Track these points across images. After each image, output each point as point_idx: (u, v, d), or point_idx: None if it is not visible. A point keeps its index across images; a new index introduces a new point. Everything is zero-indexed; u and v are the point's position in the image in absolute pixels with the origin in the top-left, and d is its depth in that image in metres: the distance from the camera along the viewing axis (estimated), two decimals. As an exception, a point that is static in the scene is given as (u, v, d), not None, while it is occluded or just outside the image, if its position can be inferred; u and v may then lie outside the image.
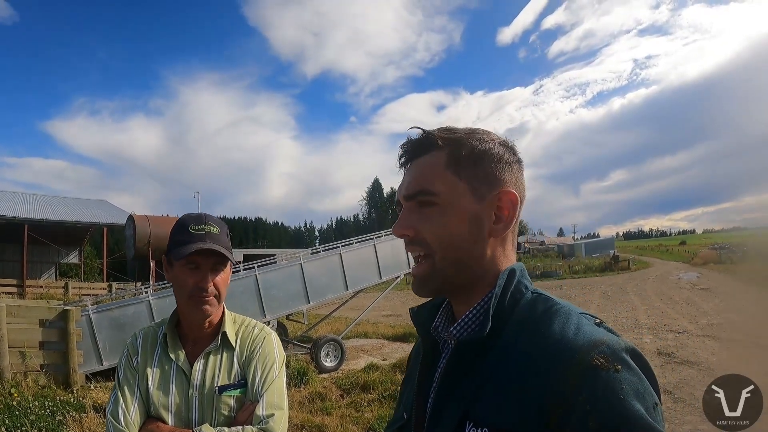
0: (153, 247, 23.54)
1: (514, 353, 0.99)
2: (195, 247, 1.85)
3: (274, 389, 1.95)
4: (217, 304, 1.94)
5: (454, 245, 1.09)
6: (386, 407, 7.96)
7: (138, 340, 2.01)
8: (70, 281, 27.30)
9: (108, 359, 9.10)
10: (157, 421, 1.87)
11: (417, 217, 1.12)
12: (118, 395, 1.87)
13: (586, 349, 0.90)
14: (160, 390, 1.90)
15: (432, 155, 1.12)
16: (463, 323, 1.10)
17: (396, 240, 13.27)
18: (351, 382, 9.33)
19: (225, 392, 1.91)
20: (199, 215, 1.98)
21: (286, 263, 12.04)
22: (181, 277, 1.90)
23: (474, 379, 1.02)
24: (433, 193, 1.09)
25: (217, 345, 1.98)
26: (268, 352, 2.03)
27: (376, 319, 20.61)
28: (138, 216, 24.87)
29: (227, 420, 1.89)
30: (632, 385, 0.86)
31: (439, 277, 1.11)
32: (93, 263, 41.68)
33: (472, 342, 1.05)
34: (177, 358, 1.94)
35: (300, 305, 11.48)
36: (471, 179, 1.09)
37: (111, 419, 1.83)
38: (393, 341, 14.75)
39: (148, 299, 9.75)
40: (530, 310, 1.04)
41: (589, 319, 1.01)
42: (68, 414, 6.77)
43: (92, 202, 38.15)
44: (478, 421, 0.97)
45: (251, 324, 2.12)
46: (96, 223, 31.24)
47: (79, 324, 8.66)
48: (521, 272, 1.11)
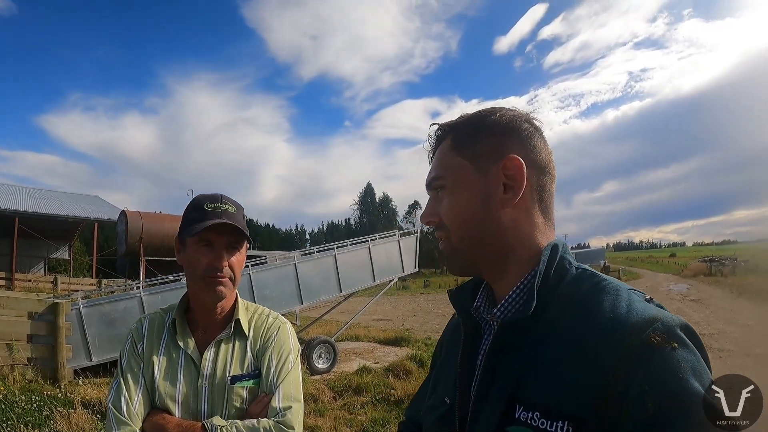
0: (145, 243, 23.51)
1: (562, 332, 0.96)
2: (210, 222, 1.74)
3: (290, 380, 1.84)
4: (232, 287, 1.83)
5: (466, 222, 1.11)
6: (380, 410, 7.92)
7: (144, 326, 1.89)
8: (59, 276, 27.13)
9: (97, 355, 8.97)
10: (163, 413, 1.75)
11: (435, 203, 1.16)
12: (121, 384, 1.75)
13: (640, 327, 0.87)
14: (166, 379, 1.78)
15: (444, 143, 1.17)
16: (507, 303, 1.08)
17: (390, 243, 13.53)
18: (344, 384, 9.29)
19: (238, 383, 1.80)
20: (215, 194, 1.86)
21: (281, 263, 11.98)
22: (194, 257, 1.79)
23: (520, 361, 0.99)
24: (440, 176, 1.15)
25: (229, 333, 1.86)
26: (283, 341, 1.91)
27: (368, 323, 20.60)
28: (130, 212, 24.83)
29: (239, 412, 1.78)
30: (690, 363, 0.84)
31: (460, 255, 1.14)
32: (82, 259, 41.42)
33: (516, 322, 1.02)
34: (186, 346, 1.82)
35: (293, 306, 11.41)
36: (472, 156, 1.11)
37: (112, 409, 1.71)
38: (385, 345, 14.68)
39: (139, 295, 9.61)
40: (576, 287, 1.02)
41: (639, 295, 0.97)
42: (56, 409, 6.65)
43: (84, 197, 37.99)
44: (529, 404, 0.93)
45: (265, 312, 2.01)
46: (87, 218, 31.04)
47: (68, 318, 8.53)
48: (563, 247, 1.10)
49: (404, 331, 17.61)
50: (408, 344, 14.35)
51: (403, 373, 9.82)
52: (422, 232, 14.68)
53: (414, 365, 10.36)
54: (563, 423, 0.87)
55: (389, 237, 13.98)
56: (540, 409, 0.90)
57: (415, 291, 50.19)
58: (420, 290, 51.73)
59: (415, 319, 23.72)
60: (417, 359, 10.93)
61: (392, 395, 8.49)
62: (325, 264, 12.26)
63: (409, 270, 14.03)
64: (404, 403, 8.06)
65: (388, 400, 8.37)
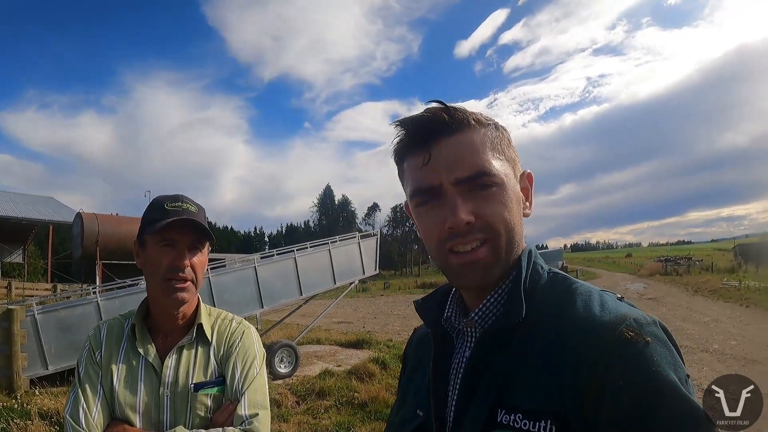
0: (101, 246, 23.00)
1: (539, 335, 0.97)
2: (172, 219, 1.70)
3: (256, 387, 1.80)
4: (194, 291, 1.78)
5: (514, 228, 1.05)
6: (344, 414, 7.92)
7: (102, 333, 1.83)
8: (13, 281, 26.47)
9: (54, 363, 8.75)
10: (123, 423, 1.69)
11: (478, 202, 1.02)
12: (79, 394, 1.69)
13: (613, 324, 0.89)
14: (126, 388, 1.73)
15: (468, 135, 1.04)
16: (486, 309, 1.08)
17: (350, 245, 13.53)
18: (306, 388, 9.26)
19: (202, 390, 1.75)
20: (176, 195, 1.82)
21: (240, 266, 11.87)
22: (154, 257, 1.74)
23: (501, 366, 0.99)
24: (494, 174, 1.03)
25: (191, 338, 1.82)
26: (248, 347, 1.88)
27: (328, 326, 20.49)
28: (86, 214, 24.24)
29: (203, 422, 1.73)
30: (664, 357, 0.85)
31: (502, 262, 1.05)
32: (37, 263, 40.51)
33: (501, 329, 1.02)
34: (146, 353, 1.77)
35: (253, 309, 11.31)
36: (509, 161, 1.08)
37: (70, 420, 1.65)
38: (346, 348, 14.60)
39: (96, 300, 9.40)
40: (550, 291, 1.04)
41: (610, 296, 1.00)
42: (12, 421, 6.48)
43: (39, 198, 37.02)
44: (511, 407, 0.94)
45: (228, 317, 1.97)
46: (42, 220, 30.33)
47: (23, 325, 8.31)
48: (535, 253, 1.11)
49: (365, 333, 17.60)
50: (369, 347, 14.31)
51: (366, 376, 9.82)
52: (382, 234, 14.68)
53: (376, 367, 10.39)
54: (545, 422, 0.88)
55: (349, 239, 13.96)
56: (522, 411, 0.91)
57: (375, 293, 50.05)
58: (380, 292, 51.63)
59: (375, 321, 23.68)
60: (379, 362, 10.96)
61: (356, 398, 8.48)
62: (286, 267, 12.20)
63: (369, 272, 14.03)
64: (368, 406, 8.09)
65: (351, 403, 8.36)
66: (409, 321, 22.70)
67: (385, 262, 29.69)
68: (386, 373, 10.23)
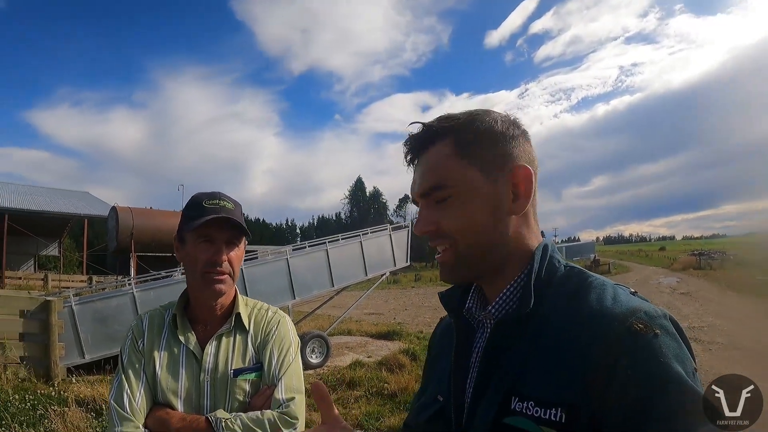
0: (136, 239, 23.33)
1: (553, 326, 0.99)
2: (209, 217, 1.76)
3: (292, 372, 1.86)
4: (231, 283, 1.85)
5: (477, 231, 1.08)
6: (373, 404, 7.94)
7: (144, 323, 1.91)
8: (49, 273, 26.95)
9: (90, 352, 8.95)
10: (165, 408, 1.76)
11: (436, 212, 1.11)
12: (122, 380, 1.76)
13: (623, 316, 0.91)
14: (168, 374, 1.80)
15: (437, 147, 1.11)
16: (501, 302, 1.10)
17: (382, 237, 13.51)
18: (337, 378, 9.32)
19: (241, 375, 1.82)
20: (213, 192, 1.88)
21: (273, 258, 11.95)
22: (193, 253, 1.81)
23: (515, 356, 1.02)
24: (446, 186, 1.09)
25: (230, 327, 1.88)
26: (284, 335, 1.94)
27: (359, 318, 20.59)
28: (121, 207, 24.61)
29: (242, 405, 1.80)
30: (672, 350, 0.87)
31: (466, 263, 1.11)
32: (72, 256, 41.20)
33: (512, 319, 1.05)
34: (187, 341, 1.84)
35: (285, 300, 11.40)
36: (480, 163, 1.08)
37: (115, 406, 1.71)
38: (377, 339, 14.66)
39: (131, 292, 9.53)
40: (565, 284, 1.05)
41: (624, 290, 1.02)
42: (50, 408, 6.61)
43: (74, 193, 37.72)
44: (524, 395, 0.96)
45: (264, 307, 2.04)
46: (77, 214, 30.84)
47: (61, 315, 8.46)
48: (552, 247, 1.13)
49: (396, 325, 17.65)
50: (400, 338, 14.35)
51: (396, 367, 9.83)
52: (413, 226, 14.68)
53: (407, 359, 10.39)
54: (556, 410, 0.90)
55: (381, 231, 14.00)
56: (534, 399, 0.93)
57: (406, 285, 50.15)
58: (411, 284, 51.70)
59: (406, 313, 23.75)
60: (410, 353, 10.97)
61: (385, 389, 8.50)
62: (317, 258, 12.27)
63: (400, 264, 14.09)
64: (398, 397, 8.10)
65: (381, 393, 8.38)
66: (439, 313, 22.39)
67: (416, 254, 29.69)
68: (416, 364, 10.21)
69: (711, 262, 47.35)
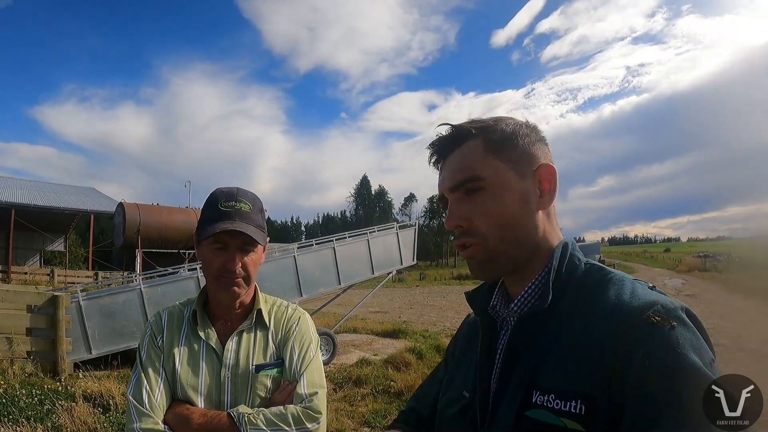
0: (142, 235, 23.43)
1: (573, 321, 1.02)
2: (220, 228, 1.73)
3: (313, 368, 1.85)
4: (246, 286, 1.83)
5: (510, 225, 1.11)
6: (380, 402, 7.94)
7: (163, 319, 1.89)
8: (55, 269, 27.06)
9: (97, 348, 8.97)
10: (185, 404, 1.74)
11: (468, 206, 1.14)
12: (141, 376, 1.73)
13: (641, 309, 0.94)
14: (189, 370, 1.78)
15: (467, 145, 1.16)
16: (523, 299, 1.14)
17: (389, 235, 13.51)
18: (344, 376, 9.30)
19: (262, 371, 1.80)
20: (231, 190, 1.85)
21: (279, 255, 11.95)
22: (208, 257, 1.79)
23: (536, 351, 1.05)
24: (480, 177, 1.12)
25: (251, 323, 1.87)
26: (304, 331, 1.93)
27: (365, 316, 20.65)
28: (128, 204, 24.76)
29: (263, 401, 1.78)
30: (689, 341, 0.89)
31: (496, 259, 1.14)
32: (78, 251, 41.35)
33: (532, 315, 1.09)
34: (207, 337, 1.82)
35: (292, 298, 11.31)
36: (510, 159, 1.13)
37: (133, 401, 1.68)
38: (383, 337, 14.70)
39: (139, 287, 9.54)
40: (585, 280, 1.09)
41: (642, 284, 1.05)
42: (58, 403, 6.62)
43: (80, 189, 37.94)
44: (544, 389, 0.99)
45: (284, 304, 2.02)
46: (83, 210, 31.02)
47: (68, 311, 8.47)
48: (573, 245, 1.16)
49: (401, 323, 17.64)
50: (406, 336, 14.33)
51: (402, 365, 9.82)
52: (418, 224, 14.68)
53: (413, 357, 10.39)
54: (576, 401, 0.93)
55: (388, 229, 13.99)
56: (554, 392, 0.97)
57: (411, 284, 50.26)
58: (416, 283, 51.84)
59: (411, 311, 23.74)
60: (415, 351, 10.97)
61: (392, 387, 8.50)
62: (325, 256, 12.26)
63: (407, 263, 14.08)
64: (404, 395, 8.08)
65: (388, 392, 8.38)
66: (444, 312, 22.69)
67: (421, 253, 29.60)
68: (422, 362, 10.23)
69: (716, 265, 47.42)
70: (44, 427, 5.99)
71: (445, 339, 13.92)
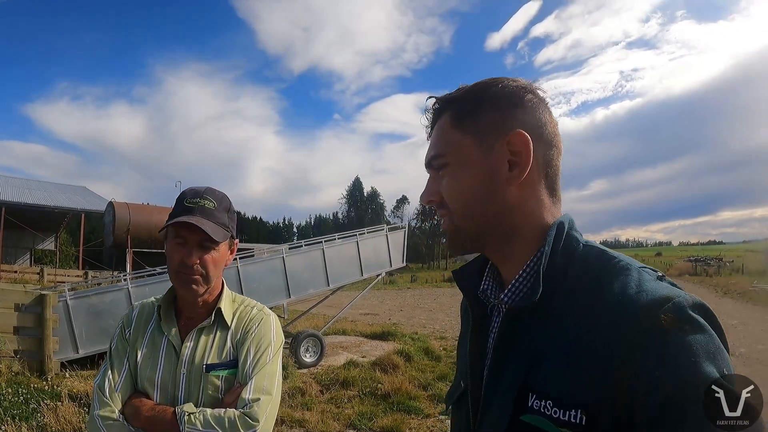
0: (132, 235, 23.35)
1: (571, 317, 0.93)
2: (176, 220, 1.77)
3: (264, 373, 1.84)
4: (204, 284, 1.84)
5: (469, 201, 1.07)
6: (367, 404, 7.95)
7: (134, 312, 1.96)
8: (45, 267, 26.95)
9: (84, 347, 8.94)
10: (142, 396, 1.80)
11: (438, 182, 1.12)
12: (108, 367, 1.83)
13: (650, 309, 0.84)
14: (148, 364, 1.83)
15: (441, 120, 1.13)
16: (514, 288, 1.05)
17: (378, 238, 13.52)
18: (331, 378, 9.31)
19: (213, 371, 1.83)
20: (200, 189, 1.89)
21: (268, 256, 11.95)
22: (169, 251, 1.83)
23: (529, 348, 0.98)
24: (441, 154, 1.10)
25: (210, 321, 1.89)
26: (263, 333, 1.93)
27: (354, 317, 20.61)
28: (118, 203, 24.63)
29: (213, 400, 1.80)
30: (703, 346, 0.81)
31: (462, 234, 1.10)
32: (68, 250, 41.14)
33: (523, 308, 1.01)
34: (169, 333, 1.87)
35: (281, 299, 11.43)
36: (475, 132, 1.07)
37: (97, 390, 1.78)
38: (372, 339, 14.66)
39: (126, 287, 9.56)
40: (585, 267, 0.98)
41: (650, 273, 0.94)
42: (43, 402, 6.62)
43: (71, 187, 37.69)
44: (541, 393, 0.92)
45: (251, 304, 2.03)
46: (74, 209, 30.82)
47: (55, 310, 8.45)
48: (570, 224, 1.07)
49: (391, 325, 17.65)
50: (395, 339, 14.31)
51: (390, 368, 9.82)
52: (410, 227, 14.69)
53: (401, 359, 10.39)
54: (576, 411, 0.86)
55: (377, 231, 13.98)
56: (552, 398, 0.89)
57: (402, 286, 50.13)
58: (407, 285, 51.70)
59: (401, 313, 23.73)
60: (404, 354, 10.97)
61: (379, 389, 8.51)
62: (313, 258, 12.25)
63: (396, 265, 14.05)
64: (391, 397, 8.11)
65: (375, 394, 8.39)
66: (434, 314, 22.68)
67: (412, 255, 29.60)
68: (410, 365, 10.26)
69: (707, 269, 47.53)
70: (29, 426, 5.98)
71: (434, 341, 13.95)
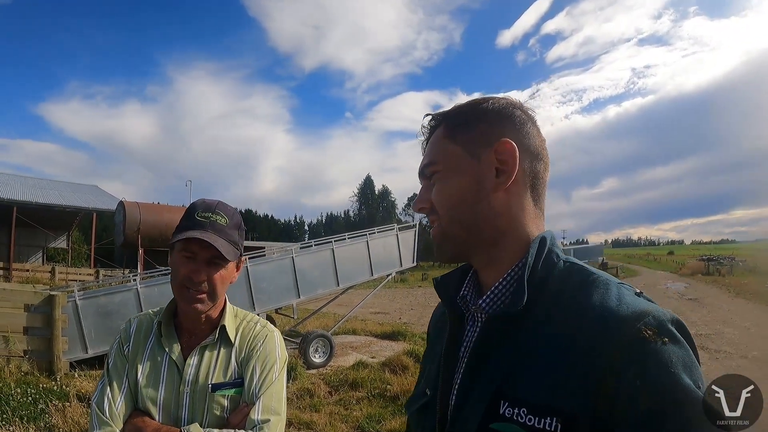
0: (143, 234, 23.48)
1: (551, 327, 0.95)
2: (188, 235, 1.71)
3: (272, 392, 1.81)
4: (210, 302, 1.79)
5: (455, 206, 1.10)
6: (375, 406, 7.90)
7: (132, 327, 1.88)
8: (57, 266, 27.11)
9: (93, 347, 8.95)
10: (143, 416, 1.73)
11: (428, 190, 1.17)
12: (106, 384, 1.75)
13: (631, 321, 0.87)
14: (149, 382, 1.77)
15: (435, 134, 1.18)
16: (493, 295, 1.08)
17: (388, 237, 13.48)
18: (340, 379, 9.27)
19: (219, 391, 1.78)
20: (212, 202, 1.84)
21: (278, 256, 11.95)
22: (175, 265, 1.78)
23: (506, 356, 0.99)
24: (432, 162, 1.15)
25: (214, 339, 1.84)
26: (269, 351, 1.88)
27: (365, 316, 20.54)
28: (128, 202, 24.80)
29: (219, 421, 1.76)
30: (681, 358, 0.84)
31: (450, 239, 1.13)
32: (80, 249, 41.38)
33: (504, 316, 1.02)
34: (171, 350, 1.81)
35: (290, 299, 11.42)
36: (465, 142, 1.11)
37: (96, 409, 1.71)
38: (382, 339, 14.61)
39: (136, 287, 9.55)
40: (565, 281, 1.01)
41: (628, 290, 0.97)
42: (51, 402, 6.63)
43: (83, 186, 37.93)
44: (515, 400, 0.93)
45: (254, 320, 1.98)
46: (86, 207, 31.05)
47: (65, 310, 8.46)
48: (552, 240, 1.09)
49: (401, 325, 17.52)
50: (405, 338, 14.24)
51: (399, 369, 9.75)
52: (421, 225, 14.63)
53: (410, 360, 10.31)
54: (551, 419, 0.87)
55: (388, 231, 13.97)
56: (527, 405, 0.90)
57: (413, 284, 50.09)
58: (418, 283, 51.60)
59: (412, 312, 23.65)
60: (413, 354, 10.88)
61: (388, 391, 8.46)
62: (323, 257, 12.25)
63: (407, 264, 14.06)
64: (400, 399, 8.05)
65: (383, 395, 8.34)
66: (445, 314, 22.59)
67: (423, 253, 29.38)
68: (419, 366, 10.13)
69: (720, 268, 47.19)
70: (37, 427, 6.01)
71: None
